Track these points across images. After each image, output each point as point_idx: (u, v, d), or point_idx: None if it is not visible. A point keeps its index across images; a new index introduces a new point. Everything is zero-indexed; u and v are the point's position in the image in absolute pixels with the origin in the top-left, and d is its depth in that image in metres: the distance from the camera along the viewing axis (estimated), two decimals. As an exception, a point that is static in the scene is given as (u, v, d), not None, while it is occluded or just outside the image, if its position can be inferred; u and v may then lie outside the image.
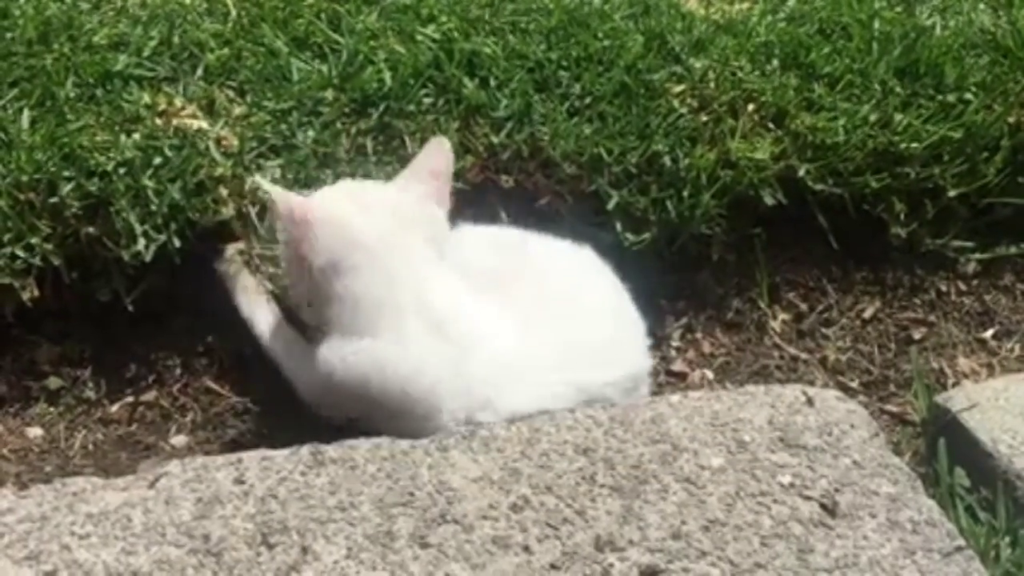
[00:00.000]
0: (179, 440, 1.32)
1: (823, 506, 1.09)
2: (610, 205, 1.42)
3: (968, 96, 1.57)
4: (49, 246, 1.26)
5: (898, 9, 1.74)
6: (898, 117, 1.52)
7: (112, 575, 0.98)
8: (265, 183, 1.22)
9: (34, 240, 1.25)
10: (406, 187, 1.25)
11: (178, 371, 1.37)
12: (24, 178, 1.26)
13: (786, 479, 1.11)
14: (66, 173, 1.28)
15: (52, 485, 1.07)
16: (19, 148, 1.28)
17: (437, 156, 1.25)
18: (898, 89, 1.56)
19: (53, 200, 1.27)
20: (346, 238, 1.20)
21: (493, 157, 1.42)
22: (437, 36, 1.53)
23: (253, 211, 1.32)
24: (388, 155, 1.39)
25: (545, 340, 1.21)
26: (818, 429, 1.18)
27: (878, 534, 1.07)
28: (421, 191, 1.24)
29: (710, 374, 1.46)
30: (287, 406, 1.33)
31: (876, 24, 1.67)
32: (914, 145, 1.51)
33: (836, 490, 1.10)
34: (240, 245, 1.35)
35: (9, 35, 1.44)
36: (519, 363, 1.20)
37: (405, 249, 1.22)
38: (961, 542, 1.08)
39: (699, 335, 1.50)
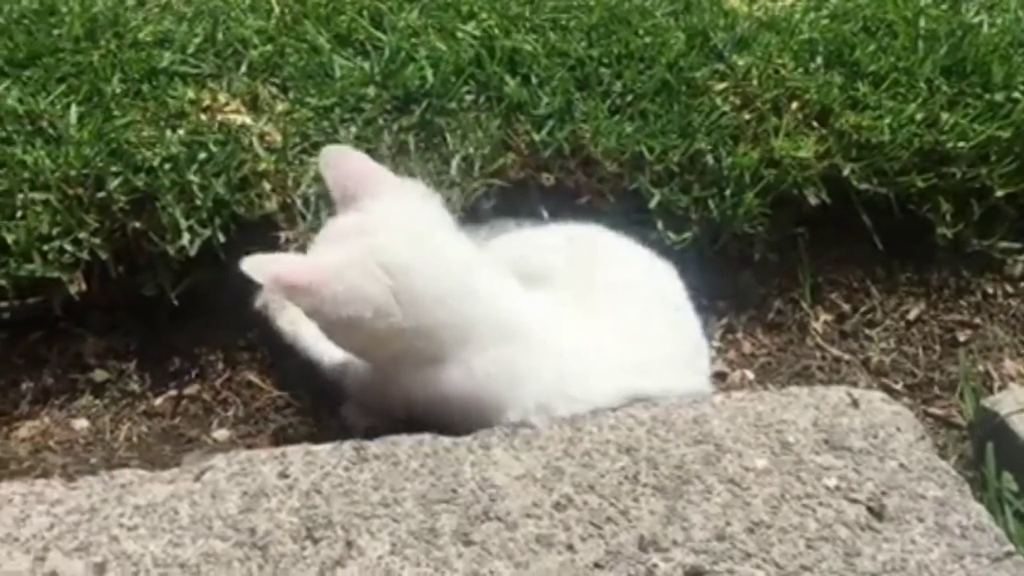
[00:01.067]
0: (221, 434, 1.33)
1: (870, 509, 1.07)
2: (652, 204, 1.41)
3: (1016, 95, 1.54)
4: (96, 240, 1.27)
5: (944, 7, 1.71)
6: (945, 116, 1.50)
7: (160, 567, 0.99)
8: (245, 264, 1.08)
9: (82, 234, 1.27)
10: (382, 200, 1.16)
11: (220, 365, 1.39)
12: (72, 173, 1.28)
13: (832, 481, 1.10)
14: (113, 168, 1.29)
15: (100, 477, 1.08)
16: (68, 143, 1.30)
17: (348, 163, 1.18)
18: (944, 87, 1.54)
19: (101, 195, 1.28)
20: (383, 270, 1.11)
21: (534, 155, 1.42)
22: (478, 33, 1.53)
23: (298, 204, 1.32)
24: (429, 152, 1.39)
25: (611, 345, 1.20)
26: (863, 431, 1.16)
27: (926, 538, 1.05)
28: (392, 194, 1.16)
29: (751, 374, 1.45)
30: (328, 401, 1.34)
31: (922, 22, 1.64)
32: (961, 144, 1.49)
33: (883, 493, 1.09)
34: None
35: (56, 32, 1.46)
36: (591, 367, 1.19)
37: (443, 255, 1.17)
38: (1011, 547, 1.06)
39: (740, 335, 1.49)
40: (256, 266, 1.08)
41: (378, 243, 1.11)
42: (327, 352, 1.28)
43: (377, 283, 1.10)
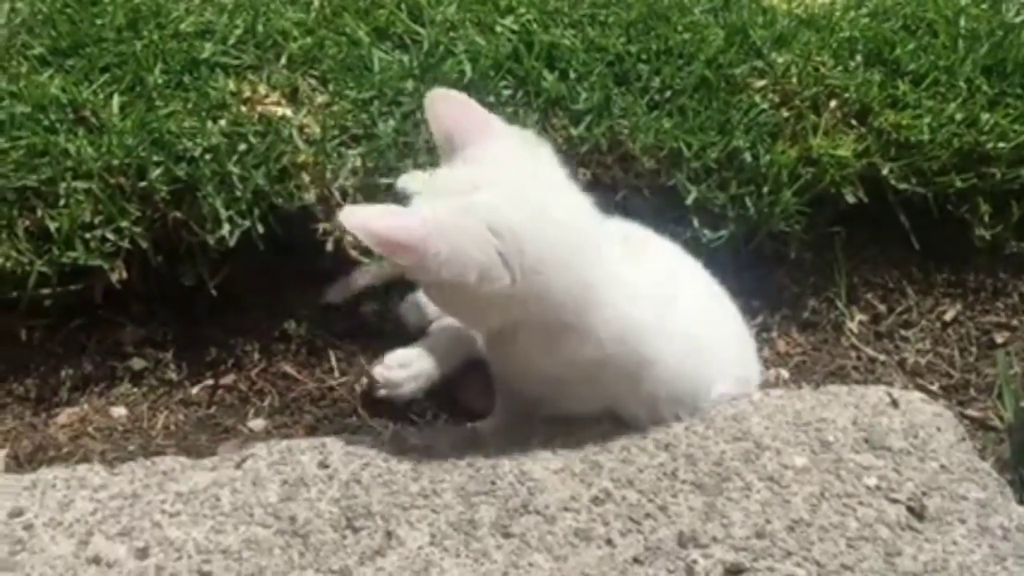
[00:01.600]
0: (257, 424, 1.34)
1: (910, 509, 1.07)
2: (688, 200, 1.40)
3: (1057, 96, 1.53)
4: (138, 229, 1.28)
5: (984, 6, 1.70)
6: (985, 116, 1.49)
7: (202, 553, 1.00)
8: (343, 215, 1.01)
9: (123, 223, 1.28)
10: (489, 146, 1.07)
11: (256, 356, 1.39)
12: (115, 162, 1.29)
13: (872, 481, 1.10)
14: (155, 158, 1.30)
15: (142, 463, 1.09)
16: (110, 132, 1.31)
17: (453, 108, 1.08)
18: (985, 87, 1.53)
19: (142, 184, 1.29)
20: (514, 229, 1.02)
21: (572, 150, 1.41)
22: (516, 28, 1.53)
23: (336, 196, 1.33)
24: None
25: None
26: (903, 431, 1.16)
27: (968, 540, 1.05)
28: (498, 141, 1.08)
29: (785, 373, 1.44)
30: (363, 392, 1.34)
31: (962, 21, 1.63)
32: (1001, 145, 1.48)
33: (923, 494, 1.09)
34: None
35: (99, 22, 1.47)
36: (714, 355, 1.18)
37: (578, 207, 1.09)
38: (1053, 551, 1.05)
39: (775, 334, 1.48)
40: (354, 218, 1.00)
41: (486, 201, 1.02)
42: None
43: (483, 245, 1.01)
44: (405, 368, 1.30)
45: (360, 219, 1.00)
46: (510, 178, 1.05)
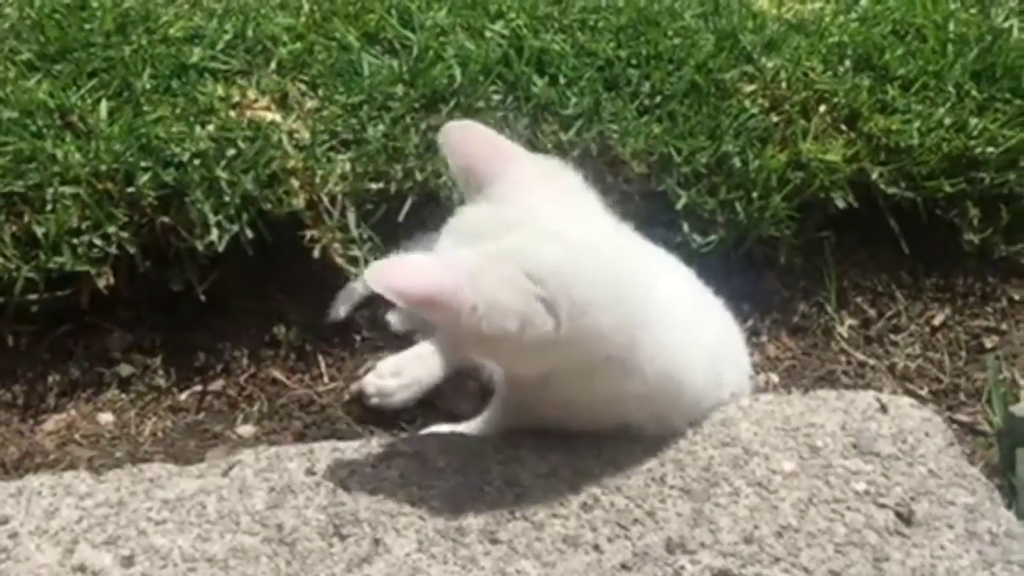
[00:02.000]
0: (246, 430, 1.33)
1: (899, 515, 1.07)
2: (678, 205, 1.40)
3: (1046, 101, 1.53)
4: (125, 235, 1.28)
5: (973, 11, 1.70)
6: (973, 121, 1.49)
7: (188, 561, 0.99)
8: (367, 274, 0.92)
9: (111, 229, 1.27)
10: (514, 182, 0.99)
11: (245, 361, 1.39)
12: (102, 167, 1.28)
13: (860, 486, 1.10)
14: (143, 163, 1.30)
15: (128, 471, 1.09)
16: (98, 138, 1.30)
17: (471, 141, 1.00)
18: (974, 92, 1.53)
19: (130, 190, 1.29)
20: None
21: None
22: (506, 33, 1.53)
23: (325, 201, 1.33)
24: (457, 151, 1.39)
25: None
26: (892, 437, 1.16)
27: (956, 545, 1.05)
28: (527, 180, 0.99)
29: (775, 378, 1.44)
30: (351, 399, 1.34)
31: (951, 26, 1.64)
32: (990, 149, 1.48)
33: (912, 499, 1.09)
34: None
35: (88, 26, 1.47)
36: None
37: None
38: (1041, 555, 1.05)
39: (764, 338, 1.48)
40: (379, 277, 0.90)
41: (520, 244, 0.94)
42: None
43: (523, 294, 0.93)
44: (397, 376, 1.30)
45: (386, 278, 0.91)
46: (543, 215, 0.97)
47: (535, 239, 0.95)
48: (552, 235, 0.96)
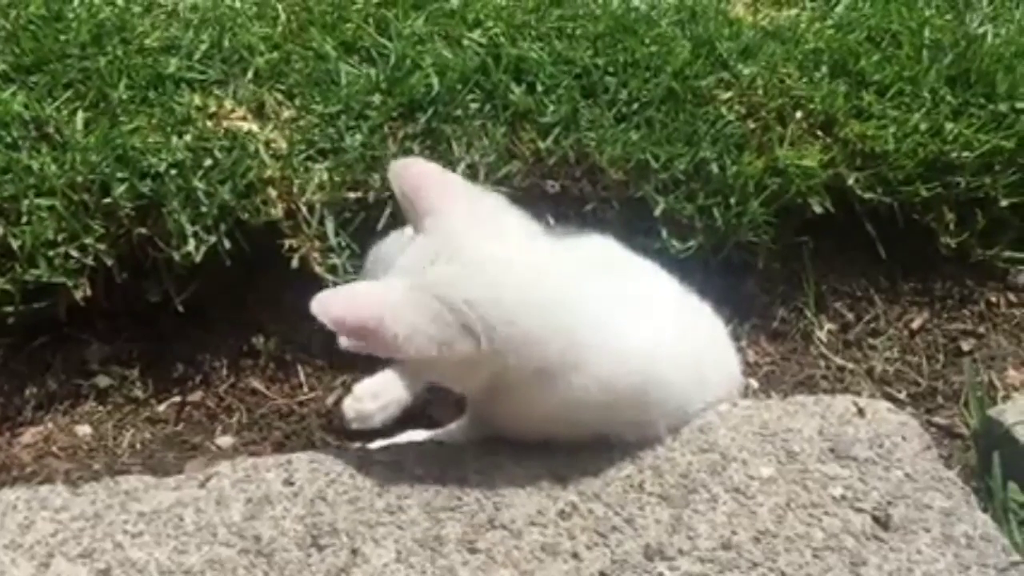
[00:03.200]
0: (225, 440, 1.33)
1: (876, 519, 1.07)
2: (656, 212, 1.41)
3: (1020, 105, 1.54)
4: (102, 246, 1.27)
5: (948, 17, 1.71)
6: (949, 126, 1.50)
7: (164, 574, 0.99)
8: (314, 305, 1.02)
9: (87, 240, 1.26)
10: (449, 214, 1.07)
11: (224, 372, 1.38)
12: (78, 179, 1.28)
13: (837, 491, 1.10)
14: (119, 174, 1.29)
15: (104, 483, 1.08)
16: (74, 149, 1.30)
17: (412, 175, 1.09)
18: (949, 98, 1.54)
19: (106, 201, 1.28)
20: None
21: (539, 163, 1.42)
22: (484, 41, 1.53)
23: (303, 211, 1.32)
24: (435, 160, 1.39)
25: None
26: (869, 441, 1.16)
27: (932, 548, 1.05)
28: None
29: (755, 383, 1.45)
30: (331, 410, 1.34)
31: (926, 32, 1.65)
32: (965, 154, 1.49)
33: (889, 503, 1.09)
34: None
35: (63, 37, 1.46)
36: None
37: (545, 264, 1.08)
38: (1016, 557, 1.06)
39: (744, 344, 1.49)
40: (319, 305, 1.01)
41: (439, 275, 1.02)
42: None
43: (438, 321, 1.01)
44: (376, 399, 1.30)
45: (325, 308, 1.01)
46: (466, 245, 1.04)
47: (454, 268, 1.03)
48: (472, 262, 1.03)
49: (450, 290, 1.02)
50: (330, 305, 1.02)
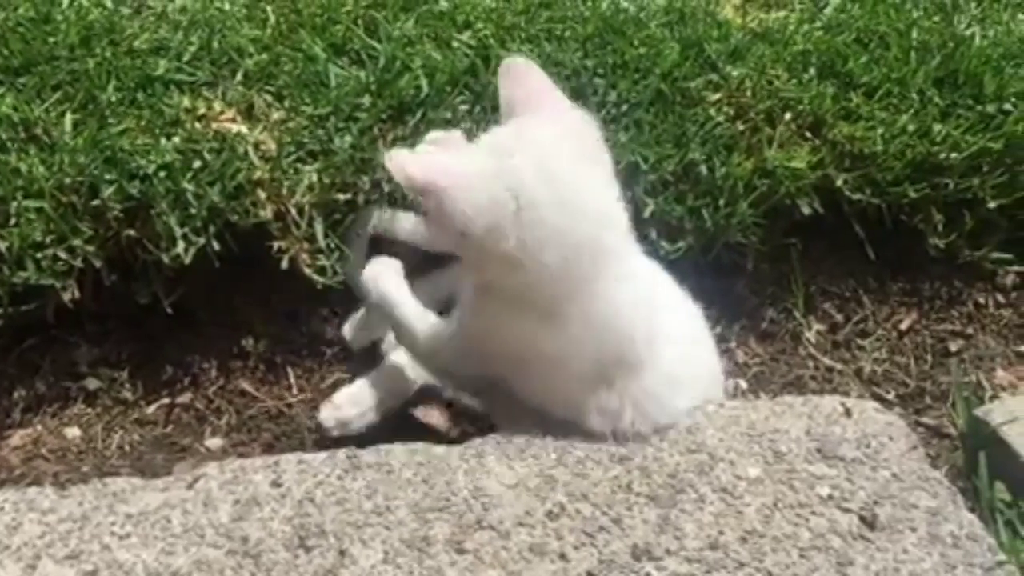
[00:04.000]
0: (214, 442, 1.33)
1: (862, 519, 1.08)
2: (646, 213, 1.41)
3: (1007, 107, 1.55)
4: (90, 248, 1.27)
5: (936, 19, 1.72)
6: (937, 127, 1.51)
7: (151, 575, 0.99)
8: (389, 161, 1.06)
9: (76, 242, 1.26)
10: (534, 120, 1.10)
11: (213, 373, 1.39)
12: (67, 180, 1.28)
13: (824, 491, 1.10)
14: (108, 176, 1.29)
15: (92, 485, 1.08)
16: (62, 151, 1.30)
17: (519, 76, 1.12)
18: (937, 99, 1.55)
19: (95, 202, 1.28)
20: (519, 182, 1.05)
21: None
22: (473, 43, 1.54)
23: (292, 213, 1.32)
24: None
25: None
26: (856, 441, 1.17)
27: (918, 548, 1.05)
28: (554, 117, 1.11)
29: (744, 384, 1.46)
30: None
31: (914, 33, 1.65)
32: (953, 155, 1.49)
33: (875, 503, 1.09)
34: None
35: (52, 40, 1.46)
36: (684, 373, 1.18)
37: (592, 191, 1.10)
38: (1002, 557, 1.06)
39: (733, 344, 1.49)
40: (394, 159, 1.06)
41: (515, 167, 1.06)
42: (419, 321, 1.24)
43: (498, 206, 1.04)
44: (355, 405, 1.30)
45: (399, 161, 1.05)
46: (547, 153, 1.08)
47: (530, 167, 1.06)
48: (543, 167, 1.06)
49: (521, 185, 1.05)
50: (405, 164, 1.05)
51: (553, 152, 1.08)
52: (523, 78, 1.13)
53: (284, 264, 1.32)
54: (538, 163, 1.06)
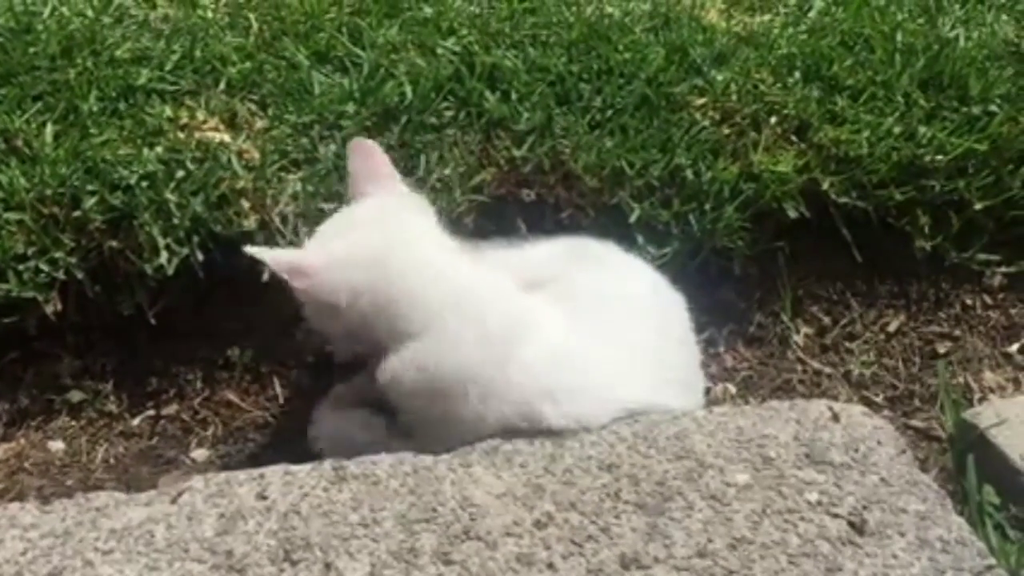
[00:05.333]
0: (200, 454, 1.32)
1: (851, 524, 1.07)
2: (632, 218, 1.41)
3: (993, 108, 1.55)
4: (72, 260, 1.26)
5: (921, 21, 1.72)
6: (922, 129, 1.51)
7: (135, 591, 0.98)
8: (255, 250, 1.17)
9: (58, 254, 1.25)
10: (376, 198, 1.24)
11: (199, 385, 1.37)
12: (48, 192, 1.27)
13: (813, 496, 1.10)
14: (89, 187, 1.28)
15: (75, 500, 1.07)
16: (43, 162, 1.29)
17: (370, 158, 1.25)
18: (922, 101, 1.55)
19: (76, 214, 1.27)
20: (356, 264, 1.18)
21: (514, 170, 1.41)
22: (458, 49, 1.53)
23: (276, 222, 1.32)
24: (409, 168, 1.39)
25: (599, 354, 1.20)
26: (844, 445, 1.16)
27: (907, 553, 1.05)
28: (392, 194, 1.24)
29: (732, 388, 1.45)
30: (307, 420, 1.33)
31: (899, 36, 1.65)
32: (939, 157, 1.49)
33: (864, 508, 1.09)
34: None
35: (32, 50, 1.45)
36: (569, 371, 1.18)
37: (419, 249, 1.21)
38: (992, 561, 1.06)
39: (721, 349, 1.49)
40: (271, 256, 1.16)
41: (356, 238, 1.19)
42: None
43: (353, 273, 1.16)
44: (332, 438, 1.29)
45: (276, 257, 1.17)
46: (379, 217, 1.22)
47: (366, 233, 1.20)
48: (379, 232, 1.20)
49: (362, 250, 1.18)
50: (278, 256, 1.18)
51: (386, 218, 1.22)
52: (361, 160, 1.25)
53: (266, 275, 1.31)
54: (372, 229, 1.20)
